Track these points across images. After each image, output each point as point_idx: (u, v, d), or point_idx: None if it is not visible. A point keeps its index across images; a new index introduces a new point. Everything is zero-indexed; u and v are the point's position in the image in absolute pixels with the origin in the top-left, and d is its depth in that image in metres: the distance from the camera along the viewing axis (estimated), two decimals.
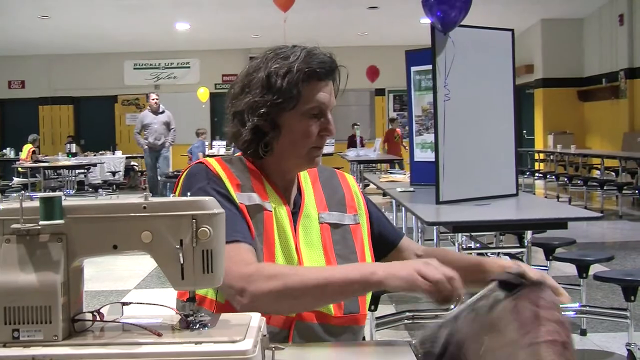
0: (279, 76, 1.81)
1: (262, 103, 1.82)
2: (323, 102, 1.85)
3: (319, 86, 1.85)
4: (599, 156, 14.58)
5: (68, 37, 18.63)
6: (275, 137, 1.85)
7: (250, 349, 1.19)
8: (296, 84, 1.80)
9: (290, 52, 1.85)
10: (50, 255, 1.26)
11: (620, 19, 15.70)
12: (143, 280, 7.46)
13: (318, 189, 1.98)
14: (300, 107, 1.83)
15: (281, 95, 1.80)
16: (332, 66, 1.89)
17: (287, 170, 1.91)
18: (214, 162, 1.87)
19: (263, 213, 1.81)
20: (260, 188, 1.86)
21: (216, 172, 1.83)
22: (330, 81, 1.89)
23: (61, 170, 16.55)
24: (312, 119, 1.85)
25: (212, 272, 1.29)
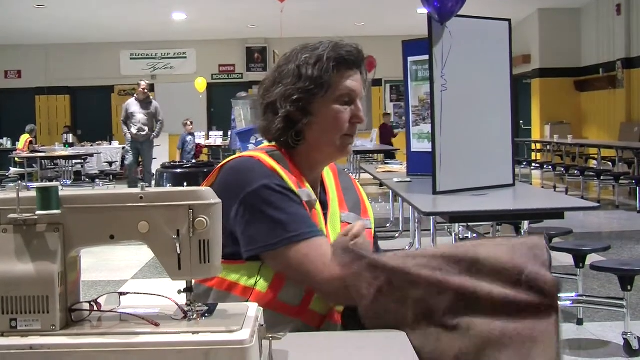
0: (310, 65, 1.84)
1: (294, 91, 1.84)
2: (353, 89, 1.88)
3: (348, 74, 1.88)
4: (596, 146, 14.59)
5: (64, 27, 18.60)
6: (307, 125, 1.86)
7: (248, 338, 1.19)
8: (326, 71, 1.84)
9: (318, 44, 1.89)
10: (47, 245, 1.26)
11: (618, 8, 15.69)
12: (140, 270, 7.46)
13: (338, 189, 2.01)
14: (331, 94, 1.85)
15: (312, 82, 1.83)
16: (360, 56, 1.92)
17: (319, 161, 1.94)
18: (266, 157, 1.84)
19: (311, 210, 1.83)
20: (301, 182, 1.86)
21: (273, 168, 1.81)
22: (358, 70, 1.91)
23: (58, 161, 16.55)
24: (342, 106, 1.87)
25: (209, 262, 1.29)
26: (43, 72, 21.44)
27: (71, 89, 21.79)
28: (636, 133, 14.92)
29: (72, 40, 20.49)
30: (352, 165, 17.14)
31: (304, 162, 1.90)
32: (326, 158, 1.93)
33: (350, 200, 1.99)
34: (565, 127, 17.05)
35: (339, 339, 1.61)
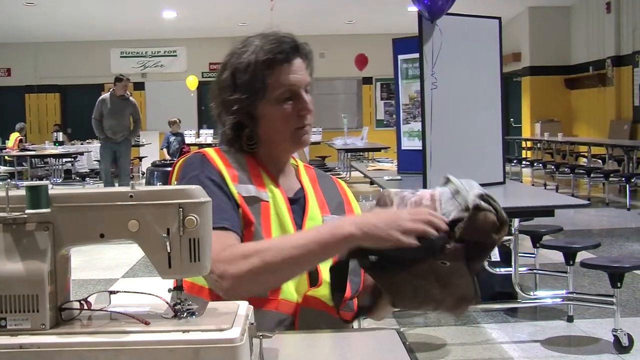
0: (241, 72, 1.86)
1: (233, 101, 1.87)
2: (292, 83, 1.86)
3: (284, 69, 1.86)
4: (586, 144, 14.65)
5: (54, 25, 18.55)
6: (255, 129, 1.89)
7: (238, 337, 1.19)
8: (259, 74, 1.84)
9: (248, 44, 1.90)
10: (36, 243, 1.25)
11: (607, 6, 15.74)
12: (131, 269, 7.45)
13: (318, 192, 1.99)
14: (270, 96, 1.85)
15: (248, 90, 1.85)
16: (292, 45, 1.89)
17: (279, 155, 1.94)
18: (213, 151, 1.88)
19: (260, 204, 1.82)
20: (258, 178, 1.87)
21: (214, 162, 1.84)
22: (295, 60, 1.88)
23: (48, 159, 16.51)
24: (285, 103, 1.86)
25: (199, 260, 1.29)
26: (33, 70, 21.38)
27: (61, 87, 21.73)
28: (626, 131, 14.98)
29: (62, 39, 20.43)
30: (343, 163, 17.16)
31: (265, 158, 1.93)
32: (285, 152, 1.95)
33: (333, 202, 1.98)
34: (555, 125, 17.10)
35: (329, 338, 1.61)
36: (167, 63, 21.58)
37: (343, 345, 1.54)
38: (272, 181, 1.89)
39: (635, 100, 15.04)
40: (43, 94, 21.75)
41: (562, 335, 5.05)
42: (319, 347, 1.53)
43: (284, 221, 1.83)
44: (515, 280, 4.92)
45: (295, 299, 1.75)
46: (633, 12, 14.98)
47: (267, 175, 1.89)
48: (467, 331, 5.18)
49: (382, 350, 1.49)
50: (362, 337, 1.57)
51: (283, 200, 1.86)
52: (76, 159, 17.15)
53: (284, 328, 1.70)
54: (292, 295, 1.75)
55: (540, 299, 5.40)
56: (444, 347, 4.85)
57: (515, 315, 5.46)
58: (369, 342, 1.55)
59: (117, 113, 12.18)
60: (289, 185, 1.95)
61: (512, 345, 4.84)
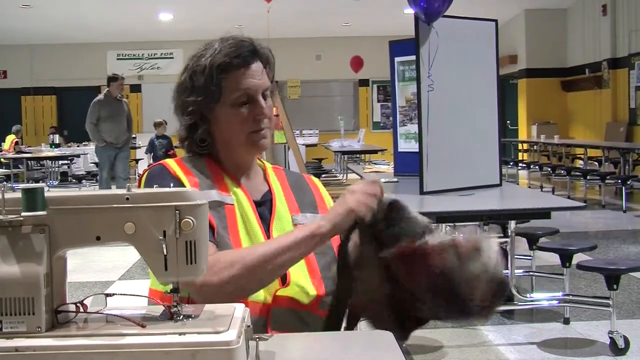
0: (198, 74, 1.88)
1: (188, 103, 1.90)
2: (248, 87, 1.87)
3: (240, 73, 1.87)
4: (582, 146, 14.66)
5: (50, 27, 18.53)
6: (211, 131, 1.92)
7: (234, 339, 1.19)
8: (213, 79, 1.86)
9: (208, 48, 1.92)
10: (32, 246, 1.25)
11: (603, 9, 15.77)
12: (127, 271, 7.45)
13: (288, 192, 2.00)
14: (225, 99, 1.87)
15: (202, 93, 1.87)
16: (250, 49, 1.90)
17: (239, 159, 1.95)
18: (172, 162, 1.90)
19: (224, 207, 1.83)
20: (221, 182, 1.89)
21: (174, 172, 1.86)
22: (253, 64, 1.89)
23: (44, 161, 16.49)
24: (241, 107, 1.88)
25: (196, 263, 1.29)
26: (29, 73, 21.34)
27: (57, 90, 21.70)
28: (622, 133, 15.00)
29: (58, 41, 20.41)
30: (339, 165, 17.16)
31: (226, 161, 1.94)
32: (243, 155, 1.94)
33: (304, 201, 2.00)
34: (551, 127, 17.11)
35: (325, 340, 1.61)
36: (163, 65, 21.56)
37: (339, 347, 1.54)
38: (235, 184, 1.91)
39: (631, 103, 15.07)
40: (39, 96, 21.72)
41: (559, 337, 5.06)
42: (315, 350, 1.53)
43: (250, 224, 1.85)
44: (512, 283, 4.93)
45: (264, 300, 1.76)
46: (629, 14, 15.01)
47: (229, 179, 1.91)
48: (463, 333, 5.18)
49: (378, 352, 1.49)
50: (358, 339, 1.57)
51: (248, 202, 1.88)
52: (72, 161, 17.13)
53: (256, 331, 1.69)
54: (260, 296, 1.76)
55: (537, 301, 5.40)
56: (441, 349, 4.85)
57: (512, 318, 5.46)
58: (365, 344, 1.55)
59: (116, 116, 11.45)
60: (255, 187, 1.96)
61: (508, 348, 4.84)
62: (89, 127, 11.47)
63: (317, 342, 1.58)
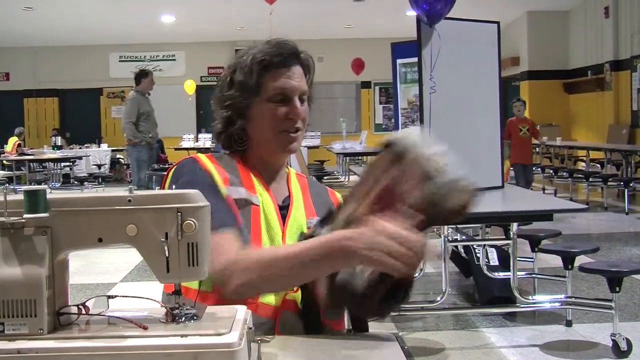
0: (240, 70, 1.91)
1: (226, 98, 1.93)
2: (285, 87, 1.89)
3: (280, 73, 1.90)
4: (585, 148, 14.65)
5: (53, 29, 18.55)
6: (244, 126, 1.93)
7: (236, 341, 1.19)
8: (255, 74, 1.89)
9: (252, 47, 1.96)
10: (34, 248, 1.25)
11: (606, 11, 15.75)
12: (129, 273, 7.45)
13: (307, 198, 2.01)
14: (263, 95, 1.89)
15: (240, 89, 1.90)
16: (292, 51, 1.93)
17: (267, 159, 1.96)
18: (204, 157, 1.91)
19: (250, 207, 1.84)
20: (249, 182, 1.89)
21: (205, 165, 1.86)
22: (293, 67, 1.92)
23: (46, 163, 16.49)
24: (277, 104, 1.90)
25: (198, 265, 1.29)
26: (31, 75, 21.36)
27: (60, 92, 21.71)
28: (624, 135, 14.98)
29: (60, 43, 20.42)
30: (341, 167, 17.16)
31: (255, 161, 1.96)
32: (272, 155, 1.96)
33: (321, 208, 1.96)
34: (554, 129, 17.09)
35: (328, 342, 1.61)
36: (165, 67, 21.56)
37: (342, 349, 1.54)
38: (262, 185, 1.92)
39: (634, 105, 15.05)
40: (41, 99, 21.74)
41: (561, 339, 5.05)
42: (317, 352, 1.53)
43: (272, 226, 1.86)
44: (514, 285, 4.92)
45: (274, 303, 1.77)
46: (631, 16, 15.00)
47: (257, 179, 1.92)
48: (465, 335, 5.18)
49: (380, 355, 1.49)
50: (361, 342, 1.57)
51: (272, 205, 1.89)
52: (75, 163, 17.14)
53: (263, 332, 1.68)
54: (271, 298, 1.76)
55: (539, 303, 5.40)
56: (443, 352, 4.84)
57: (514, 320, 5.45)
58: (368, 346, 1.55)
59: (151, 114, 11.07)
60: (279, 191, 1.97)
61: (510, 350, 4.83)
62: (128, 126, 10.88)
63: (319, 344, 1.58)
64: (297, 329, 1.76)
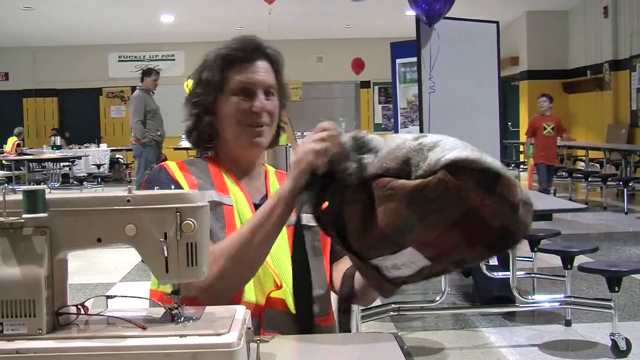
0: (207, 68, 1.97)
1: (193, 95, 1.98)
2: (248, 81, 1.92)
3: (243, 68, 1.93)
4: (584, 148, 14.65)
5: (52, 29, 18.53)
6: (211, 122, 1.95)
7: (235, 341, 1.19)
8: (219, 70, 1.93)
9: (220, 47, 2.01)
10: (33, 248, 1.25)
11: (605, 11, 15.75)
12: (129, 273, 7.45)
13: None
14: (227, 91, 1.92)
15: (206, 85, 1.94)
16: (256, 46, 1.97)
17: (237, 155, 1.97)
18: (173, 165, 1.93)
19: (222, 208, 1.84)
20: (221, 183, 1.90)
21: (172, 174, 1.88)
22: (258, 61, 1.95)
23: (46, 163, 16.48)
24: (241, 99, 1.91)
25: (197, 265, 1.29)
26: (31, 75, 21.35)
27: (59, 91, 21.70)
28: (623, 135, 14.98)
29: (60, 43, 20.40)
30: None
31: (227, 161, 1.97)
32: (240, 151, 1.96)
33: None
34: None
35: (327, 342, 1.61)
36: (165, 67, 21.51)
37: (340, 349, 1.54)
38: (235, 184, 1.92)
39: (633, 105, 15.05)
40: (41, 98, 21.72)
41: (560, 339, 5.05)
42: (316, 352, 1.53)
43: None
44: (513, 285, 4.92)
45: (256, 301, 1.75)
46: (630, 16, 15.00)
47: (229, 178, 1.93)
48: (465, 335, 5.18)
49: (379, 354, 1.49)
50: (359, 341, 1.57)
51: (247, 203, 1.89)
52: (74, 163, 17.13)
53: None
54: (253, 297, 1.75)
55: (538, 303, 5.40)
56: (442, 351, 4.84)
57: (513, 319, 5.45)
58: (367, 346, 1.55)
59: (157, 111, 10.91)
60: (255, 189, 1.97)
61: (510, 350, 4.83)
62: (137, 125, 10.70)
63: (318, 344, 1.58)
64: (284, 327, 1.74)
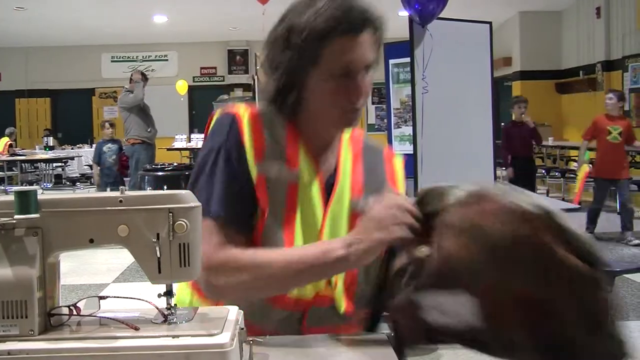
0: (297, 33, 1.60)
1: (281, 59, 1.65)
2: (350, 61, 1.61)
3: (344, 43, 1.59)
4: (577, 148, 14.66)
5: (45, 29, 18.50)
6: (299, 98, 1.67)
7: (228, 342, 1.19)
8: (314, 42, 1.59)
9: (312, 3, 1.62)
10: (25, 249, 1.25)
11: (597, 11, 15.79)
12: (122, 273, 7.43)
13: (357, 171, 1.78)
14: (322, 68, 1.61)
15: (299, 54, 1.61)
16: (362, 17, 1.61)
17: (325, 133, 1.73)
18: (247, 117, 1.67)
19: (287, 185, 1.65)
20: (294, 154, 1.68)
21: (242, 133, 1.65)
22: (362, 34, 1.61)
23: (38, 164, 16.46)
24: (338, 80, 1.62)
25: (189, 265, 1.28)
26: (23, 75, 21.29)
27: (52, 92, 21.65)
28: None
29: (52, 43, 20.37)
30: None
31: (305, 127, 1.70)
32: (328, 131, 1.72)
33: (373, 184, 1.77)
34: (546, 129, 17.11)
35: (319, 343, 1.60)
36: (158, 67, 21.52)
37: (333, 350, 1.53)
38: (310, 159, 1.70)
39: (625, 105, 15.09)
40: (33, 99, 21.67)
41: None
42: (309, 354, 1.52)
43: (312, 205, 1.68)
44: None
45: (303, 296, 1.67)
46: (623, 17, 15.04)
47: (305, 152, 1.70)
48: None
49: (373, 356, 1.49)
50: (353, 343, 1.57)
51: (317, 182, 1.69)
52: (67, 163, 17.10)
53: (291, 324, 1.66)
54: (304, 292, 1.67)
55: None
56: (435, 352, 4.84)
57: None
58: (360, 347, 1.55)
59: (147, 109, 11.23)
60: (328, 166, 1.75)
61: None
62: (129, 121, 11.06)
63: (312, 345, 1.58)
64: (329, 322, 1.68)
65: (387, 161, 1.88)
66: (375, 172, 1.82)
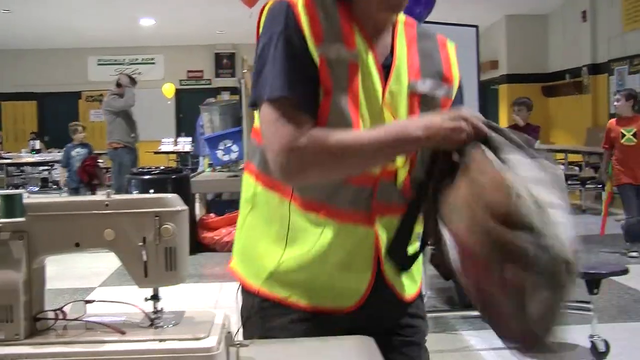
0: None
1: None
2: None
3: None
4: (563, 151, 14.74)
5: (31, 32, 18.42)
6: None
7: (215, 346, 1.19)
8: None
9: None
10: (11, 253, 1.24)
11: (583, 15, 15.86)
12: (108, 278, 7.41)
13: (413, 53, 1.80)
14: None
15: None
16: None
17: (372, 13, 1.73)
18: (300, 2, 1.67)
19: (348, 66, 1.66)
20: (350, 36, 1.69)
21: (298, 16, 1.65)
22: None
23: (24, 167, 16.38)
24: None
25: (176, 269, 1.28)
26: (9, 78, 21.19)
27: (38, 95, 21.56)
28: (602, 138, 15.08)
29: (38, 46, 20.30)
30: None
31: (361, 13, 1.72)
32: (376, 13, 1.73)
33: (429, 67, 1.81)
34: None
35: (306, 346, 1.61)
36: (144, 71, 21.46)
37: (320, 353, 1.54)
38: (365, 40, 1.71)
39: (611, 108, 15.13)
40: (20, 102, 21.57)
41: None
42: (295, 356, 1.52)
43: (372, 87, 1.69)
44: None
45: (375, 172, 1.69)
46: (608, 20, 15.12)
47: (360, 33, 1.70)
48: (445, 338, 5.19)
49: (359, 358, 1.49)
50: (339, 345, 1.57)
51: (374, 63, 1.70)
52: (53, 167, 17.04)
53: (363, 200, 1.68)
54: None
55: None
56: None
57: None
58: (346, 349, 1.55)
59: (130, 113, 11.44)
60: (383, 47, 1.76)
61: (490, 352, 4.85)
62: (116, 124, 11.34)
63: (299, 348, 1.58)
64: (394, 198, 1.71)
65: (441, 46, 1.90)
66: (430, 57, 1.84)
